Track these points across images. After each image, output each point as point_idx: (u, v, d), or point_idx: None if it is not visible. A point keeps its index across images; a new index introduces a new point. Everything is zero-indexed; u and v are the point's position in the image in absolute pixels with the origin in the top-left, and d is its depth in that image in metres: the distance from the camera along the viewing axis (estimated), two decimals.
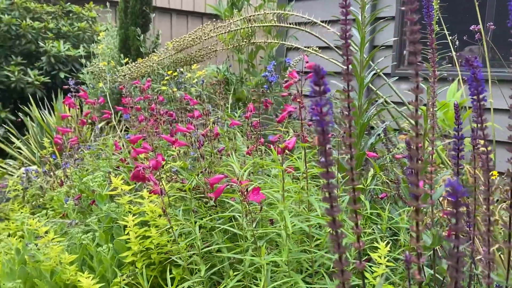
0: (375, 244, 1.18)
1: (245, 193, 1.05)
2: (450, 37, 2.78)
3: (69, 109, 3.51)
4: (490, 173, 0.86)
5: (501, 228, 1.66)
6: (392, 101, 2.52)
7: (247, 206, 1.06)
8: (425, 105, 2.49)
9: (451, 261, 0.45)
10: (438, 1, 1.59)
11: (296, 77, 1.44)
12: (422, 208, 0.58)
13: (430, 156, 1.05)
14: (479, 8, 2.66)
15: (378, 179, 1.64)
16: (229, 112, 3.23)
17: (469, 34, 3.02)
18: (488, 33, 2.86)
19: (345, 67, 0.59)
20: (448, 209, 1.25)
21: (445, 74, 3.33)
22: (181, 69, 3.68)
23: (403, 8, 0.53)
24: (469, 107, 3.22)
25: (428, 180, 1.04)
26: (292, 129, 1.36)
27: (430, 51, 1.24)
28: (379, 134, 1.84)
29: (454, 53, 2.83)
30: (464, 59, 0.67)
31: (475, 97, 0.68)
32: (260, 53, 4.12)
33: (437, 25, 1.49)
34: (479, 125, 0.69)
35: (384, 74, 3.94)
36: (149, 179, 1.22)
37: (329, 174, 0.46)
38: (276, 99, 2.64)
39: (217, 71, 3.79)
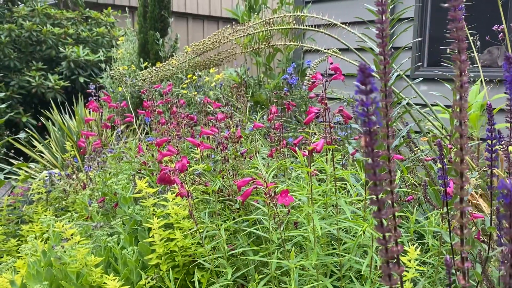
0: (404, 248, 1.16)
1: (273, 195, 1.04)
2: (472, 38, 2.74)
3: (89, 113, 3.55)
4: None
5: None
6: (415, 103, 2.49)
7: (275, 209, 1.05)
8: (449, 107, 2.46)
9: (505, 267, 0.44)
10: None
11: (320, 79, 1.43)
12: (466, 211, 0.56)
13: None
14: (502, 8, 2.61)
15: (403, 181, 1.61)
16: (248, 115, 3.23)
17: (491, 34, 2.97)
18: (511, 33, 2.81)
19: (383, 67, 0.58)
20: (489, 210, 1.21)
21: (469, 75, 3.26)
22: (200, 73, 3.70)
23: (446, 4, 0.52)
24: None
25: (465, 181, 1.01)
26: (317, 131, 1.35)
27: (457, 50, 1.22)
28: (403, 136, 1.82)
29: (476, 54, 2.79)
30: (505, 57, 0.66)
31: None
32: (278, 56, 4.12)
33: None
34: None
35: (404, 76, 3.90)
36: (175, 181, 1.22)
37: (376, 176, 0.45)
38: (296, 102, 2.63)
39: (235, 74, 3.80)
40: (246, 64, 3.97)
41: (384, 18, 0.62)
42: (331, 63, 1.36)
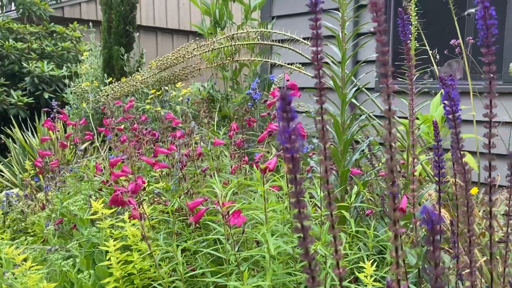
0: (362, 264, 1.17)
1: (226, 216, 1.03)
2: (431, 51, 2.82)
3: (52, 132, 3.46)
4: (470, 187, 0.85)
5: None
6: (376, 115, 2.53)
7: (229, 230, 1.04)
8: (406, 118, 2.51)
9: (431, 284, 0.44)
10: (417, 17, 1.61)
11: (278, 96, 1.43)
12: (401, 233, 0.56)
13: (412, 173, 1.04)
14: (458, 23, 2.70)
15: (363, 195, 1.63)
16: (215, 129, 3.22)
17: (449, 48, 3.06)
18: (467, 47, 2.90)
19: (318, 90, 0.58)
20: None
21: (427, 89, 3.36)
22: (166, 88, 3.67)
23: (372, 29, 0.52)
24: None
25: (411, 198, 1.03)
26: (274, 148, 1.35)
27: (407, 68, 1.25)
28: (363, 150, 1.84)
29: (435, 67, 2.87)
30: (439, 78, 0.67)
31: (450, 116, 0.68)
32: (245, 70, 4.13)
33: (416, 41, 1.50)
34: (455, 144, 0.69)
35: (367, 88, 3.98)
36: (129, 202, 1.19)
37: (300, 204, 0.45)
38: (262, 116, 2.64)
39: (202, 89, 3.79)
40: (213, 78, 3.97)
41: (318, 42, 0.62)
42: (288, 80, 1.36)
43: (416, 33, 1.51)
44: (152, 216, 1.54)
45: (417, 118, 2.87)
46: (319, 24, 0.61)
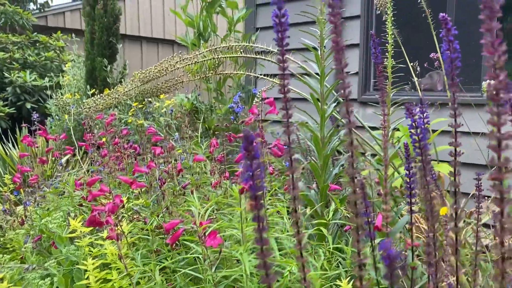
0: (339, 282, 1.18)
1: (203, 237, 1.03)
2: (412, 64, 2.88)
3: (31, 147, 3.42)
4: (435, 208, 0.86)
5: (467, 255, 1.68)
6: (358, 126, 2.57)
7: (206, 251, 1.04)
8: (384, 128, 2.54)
9: None
10: (393, 36, 1.64)
11: (256, 113, 1.44)
12: (365, 262, 0.57)
13: (385, 193, 1.06)
14: (436, 38, 2.76)
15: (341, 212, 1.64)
16: (199, 141, 3.21)
17: (429, 61, 3.12)
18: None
19: (285, 123, 0.59)
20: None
21: (407, 101, 3.40)
22: (150, 99, 3.66)
23: (334, 67, 0.53)
24: (433, 130, 3.30)
25: (385, 218, 1.04)
26: None
27: (383, 84, 1.28)
28: (342, 165, 1.86)
29: (416, 79, 2.92)
30: (405, 108, 0.69)
31: (416, 144, 0.70)
32: (229, 81, 4.15)
33: (393, 60, 1.53)
34: (423, 173, 0.70)
35: (351, 99, 4.00)
36: (108, 222, 1.19)
37: (264, 241, 0.46)
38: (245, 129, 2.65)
39: (186, 100, 3.79)
40: (197, 89, 3.97)
41: (285, 74, 0.64)
42: (265, 98, 1.38)
43: (392, 51, 1.54)
44: (132, 233, 1.54)
45: (398, 130, 2.91)
46: (286, 65, 0.63)
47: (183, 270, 1.15)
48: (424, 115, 0.82)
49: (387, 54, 1.49)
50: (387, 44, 1.51)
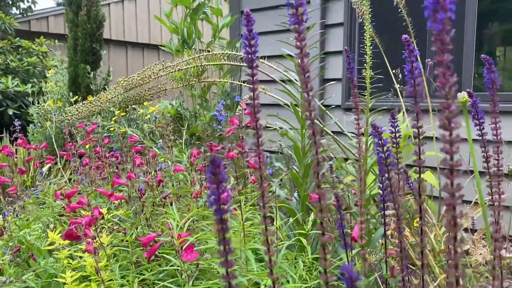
0: None
1: (180, 251, 1.03)
2: (394, 71, 2.92)
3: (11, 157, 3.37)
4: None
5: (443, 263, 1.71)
6: (340, 132, 2.59)
7: (183, 265, 1.04)
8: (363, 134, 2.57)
9: None
10: (372, 46, 1.67)
11: (236, 124, 1.45)
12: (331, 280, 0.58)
13: (360, 205, 1.08)
14: (420, 46, 2.81)
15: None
16: (184, 147, 3.21)
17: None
18: (426, 69, 3.03)
19: (255, 149, 0.60)
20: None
21: (386, 107, 3.46)
22: (134, 106, 3.65)
23: (300, 90, 0.55)
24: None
25: (361, 230, 1.06)
26: (233, 177, 1.37)
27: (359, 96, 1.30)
28: (323, 173, 1.87)
29: (397, 85, 2.96)
30: (372, 126, 0.70)
31: (382, 161, 0.71)
32: (214, 87, 4.15)
33: (371, 70, 1.56)
34: (391, 189, 0.72)
35: (336, 106, 4.04)
36: (86, 234, 1.18)
37: (228, 263, 0.46)
38: (228, 137, 2.66)
39: (170, 107, 3.78)
40: (182, 96, 3.97)
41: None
42: (245, 109, 1.38)
43: (371, 62, 1.57)
44: (112, 244, 1.52)
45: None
46: (256, 86, 0.64)
47: (162, 283, 1.15)
48: (396, 129, 0.84)
49: (366, 65, 1.52)
50: (365, 56, 1.54)
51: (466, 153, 3.04)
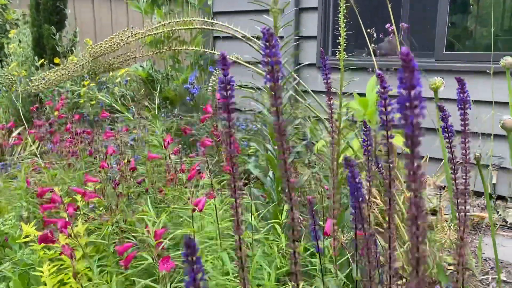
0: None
1: (156, 258, 1.05)
2: (369, 30, 2.90)
3: None
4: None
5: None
6: (318, 91, 2.59)
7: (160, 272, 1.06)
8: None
9: None
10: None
11: (210, 112, 1.43)
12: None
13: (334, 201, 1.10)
14: (392, 10, 2.77)
15: None
16: (156, 113, 3.15)
17: (385, 31, 3.14)
18: (400, 32, 3.02)
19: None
20: None
21: (362, 65, 3.48)
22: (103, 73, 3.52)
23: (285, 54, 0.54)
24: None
25: (334, 225, 1.09)
26: (208, 171, 1.35)
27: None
28: (298, 152, 1.89)
29: (371, 45, 2.95)
30: (362, 123, 0.71)
31: (365, 149, 0.73)
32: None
33: (345, 29, 1.54)
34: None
35: (310, 64, 4.00)
36: (58, 240, 1.18)
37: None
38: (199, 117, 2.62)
39: (141, 69, 3.67)
40: (153, 57, 3.84)
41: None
42: (219, 99, 1.36)
43: (345, 21, 1.54)
44: (93, 233, 1.53)
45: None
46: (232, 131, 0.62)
47: (142, 282, 1.18)
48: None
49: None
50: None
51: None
